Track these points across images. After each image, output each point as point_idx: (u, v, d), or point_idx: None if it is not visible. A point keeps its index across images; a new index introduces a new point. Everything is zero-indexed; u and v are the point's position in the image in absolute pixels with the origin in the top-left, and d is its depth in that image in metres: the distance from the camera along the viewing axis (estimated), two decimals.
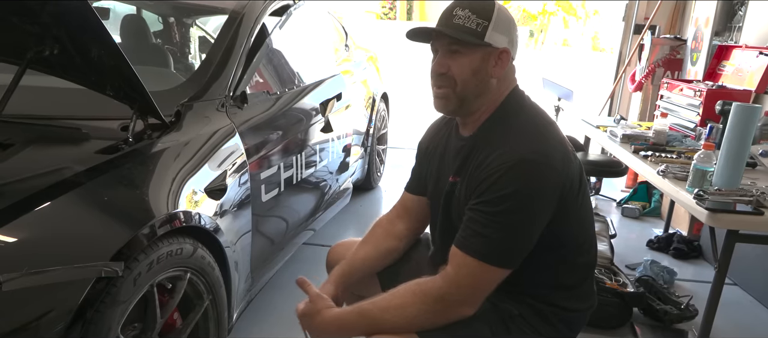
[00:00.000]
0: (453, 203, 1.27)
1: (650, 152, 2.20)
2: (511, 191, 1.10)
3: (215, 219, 1.59)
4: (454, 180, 1.26)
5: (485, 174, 1.14)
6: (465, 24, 1.17)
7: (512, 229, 1.12)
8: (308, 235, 2.53)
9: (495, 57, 1.19)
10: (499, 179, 1.11)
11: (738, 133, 1.74)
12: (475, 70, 1.18)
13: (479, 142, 1.22)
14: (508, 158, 1.12)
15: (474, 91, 1.20)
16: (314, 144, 2.47)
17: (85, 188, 1.25)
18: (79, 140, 1.51)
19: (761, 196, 1.67)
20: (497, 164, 1.12)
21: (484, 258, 1.12)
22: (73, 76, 1.57)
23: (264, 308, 2.28)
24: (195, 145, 1.64)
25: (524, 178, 1.10)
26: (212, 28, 3.62)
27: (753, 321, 2.40)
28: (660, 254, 3.04)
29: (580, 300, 1.30)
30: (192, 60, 3.24)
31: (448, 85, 1.20)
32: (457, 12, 1.18)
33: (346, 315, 1.21)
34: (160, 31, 3.13)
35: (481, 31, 1.16)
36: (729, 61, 3.05)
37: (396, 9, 31.15)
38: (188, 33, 3.34)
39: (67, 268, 1.07)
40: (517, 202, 1.10)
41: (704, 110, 2.66)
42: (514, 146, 1.14)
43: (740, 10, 3.41)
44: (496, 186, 1.11)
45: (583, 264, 1.30)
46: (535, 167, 1.11)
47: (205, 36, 3.48)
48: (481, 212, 1.13)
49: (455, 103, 1.22)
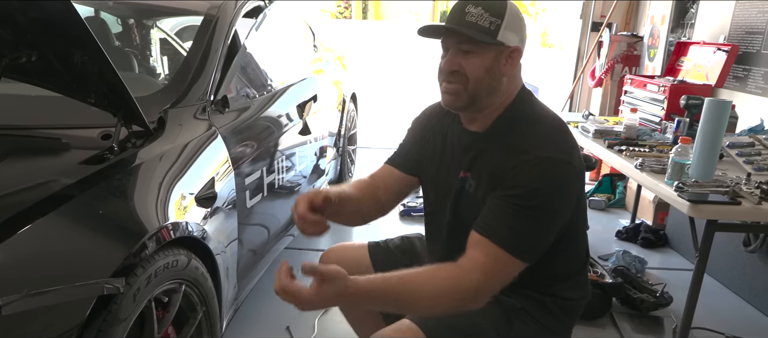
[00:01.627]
0: (463, 199, 1.26)
1: (624, 147, 2.28)
2: (542, 188, 1.12)
3: (204, 227, 1.55)
4: (465, 175, 1.26)
5: (515, 170, 1.14)
6: (478, 22, 1.15)
7: (540, 225, 1.14)
8: (288, 240, 2.49)
9: (506, 55, 1.19)
10: (529, 176, 1.12)
11: (711, 127, 1.82)
12: (488, 69, 1.18)
13: (494, 139, 1.23)
14: (537, 156, 1.13)
15: (486, 89, 1.20)
16: (293, 147, 2.44)
17: (77, 202, 1.19)
18: (59, 150, 1.43)
19: (736, 187, 1.76)
20: (527, 159, 1.13)
21: (514, 251, 1.12)
22: (52, 84, 1.48)
23: (250, 316, 2.24)
24: (181, 151, 1.59)
25: (552, 177, 1.13)
26: (169, 27, 3.51)
27: (722, 304, 2.52)
28: (629, 244, 3.16)
29: (578, 288, 1.34)
30: (154, 63, 3.13)
31: (459, 81, 1.20)
32: (470, 9, 1.16)
33: (372, 287, 1.07)
34: (119, 33, 3.00)
35: (495, 30, 1.16)
36: (687, 57, 3.20)
37: (351, 8, 31.10)
38: (149, 35, 3.23)
39: (67, 287, 1.02)
40: (547, 199, 1.12)
41: (668, 105, 2.77)
42: (540, 144, 1.15)
43: (692, 8, 3.57)
44: (525, 181, 1.12)
45: (580, 255, 1.34)
46: (564, 168, 1.14)
47: (167, 37, 3.37)
48: (512, 205, 1.12)
49: (466, 99, 1.21)
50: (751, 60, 2.91)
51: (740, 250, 2.55)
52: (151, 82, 2.30)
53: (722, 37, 3.14)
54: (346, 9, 31.10)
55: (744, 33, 2.99)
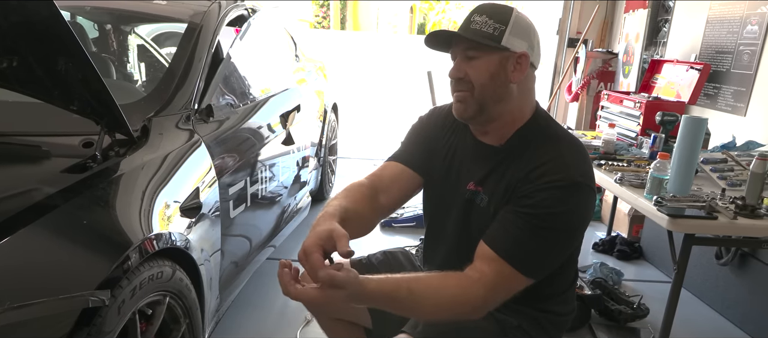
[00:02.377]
0: (474, 212, 1.25)
1: (603, 161, 2.33)
2: (562, 211, 1.10)
3: (188, 237, 1.52)
4: (476, 189, 1.24)
5: (536, 188, 1.12)
6: (482, 29, 1.16)
7: (553, 246, 1.13)
8: (270, 251, 2.47)
9: (513, 61, 1.18)
10: (552, 197, 1.10)
11: (688, 143, 1.88)
12: (493, 74, 1.17)
13: (511, 155, 1.21)
14: (561, 177, 1.11)
15: (492, 96, 1.19)
16: (277, 157, 2.42)
17: (60, 212, 1.16)
18: (40, 158, 1.39)
19: (712, 201, 1.81)
20: (549, 180, 1.11)
21: (522, 269, 1.10)
22: (33, 90, 1.44)
23: (231, 327, 2.20)
24: (166, 161, 1.57)
25: (576, 201, 1.11)
26: (146, 32, 3.46)
27: (695, 316, 2.58)
28: (605, 256, 3.22)
29: (567, 303, 1.34)
30: (131, 69, 3.08)
31: (466, 89, 1.19)
32: (475, 18, 1.18)
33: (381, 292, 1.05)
34: (96, 39, 2.95)
35: (498, 35, 1.16)
36: (661, 75, 3.29)
37: (329, 18, 31.15)
38: (127, 41, 3.18)
39: (51, 300, 0.99)
40: (565, 222, 1.11)
41: (644, 121, 2.84)
42: (564, 166, 1.14)
43: (665, 27, 3.69)
44: (547, 202, 1.10)
45: (572, 270, 1.34)
46: (586, 192, 1.13)
47: (144, 43, 3.32)
48: (527, 223, 1.11)
49: (474, 108, 1.20)
50: (721, 78, 3.02)
51: (713, 263, 2.62)
52: (131, 89, 2.27)
53: (693, 56, 3.25)
54: (324, 19, 31.15)
55: (714, 52, 3.10)
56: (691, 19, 3.36)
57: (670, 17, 3.64)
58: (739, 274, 2.49)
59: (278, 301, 2.45)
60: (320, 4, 30.80)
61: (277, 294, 2.50)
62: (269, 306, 2.39)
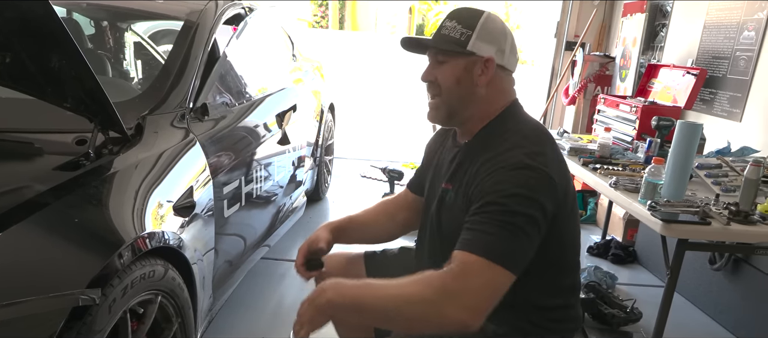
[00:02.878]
0: (444, 210, 1.27)
1: (598, 165, 2.33)
2: (511, 192, 1.09)
3: (181, 237, 1.52)
4: (447, 187, 1.27)
5: (484, 176, 1.13)
6: (450, 34, 1.21)
7: (513, 229, 1.08)
8: (265, 250, 2.46)
9: (480, 66, 1.21)
10: (500, 181, 1.11)
11: (683, 149, 1.88)
12: (458, 78, 1.21)
13: (473, 149, 1.24)
14: (507, 161, 1.12)
15: (459, 99, 1.23)
16: (272, 156, 2.42)
17: (52, 210, 1.15)
18: (32, 155, 1.39)
19: (705, 207, 1.81)
20: (497, 166, 1.13)
21: (487, 256, 1.05)
22: (26, 87, 1.44)
23: (224, 326, 2.20)
24: (160, 159, 1.56)
25: (525, 181, 1.10)
26: (142, 30, 3.45)
27: (687, 321, 2.59)
28: (599, 259, 3.22)
29: (563, 321, 1.29)
30: (127, 67, 3.07)
31: (437, 93, 1.25)
32: (446, 23, 1.23)
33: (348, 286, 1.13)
34: (92, 35, 2.94)
35: (464, 40, 1.20)
36: (657, 79, 3.30)
37: (328, 17, 31.14)
38: (123, 39, 3.17)
39: (41, 298, 0.98)
40: (517, 203, 1.09)
41: (640, 125, 2.85)
42: (513, 150, 1.15)
43: (662, 32, 3.69)
44: (497, 187, 1.11)
45: (568, 286, 1.30)
46: (535, 172, 1.11)
47: (141, 41, 3.31)
48: (483, 213, 1.10)
49: (444, 112, 1.25)
50: (717, 84, 3.02)
51: (706, 268, 2.62)
52: (126, 87, 2.26)
53: (690, 61, 3.26)
54: (322, 18, 31.14)
55: (711, 58, 3.10)
56: (689, 23, 3.36)
57: (667, 22, 3.64)
58: (732, 279, 2.50)
59: (272, 301, 2.44)
60: (318, 4, 30.80)
61: (271, 294, 2.50)
62: (263, 306, 2.39)
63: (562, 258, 1.25)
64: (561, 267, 1.26)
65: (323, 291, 1.10)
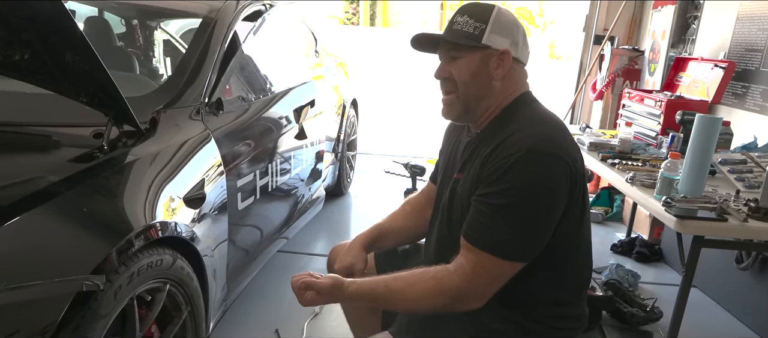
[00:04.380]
0: (455, 199, 1.26)
1: (617, 160, 2.28)
2: (519, 183, 1.08)
3: (193, 228, 1.56)
4: (458, 177, 1.27)
5: (492, 166, 1.12)
6: (463, 29, 1.19)
7: (523, 222, 1.09)
8: (282, 243, 2.50)
9: (496, 59, 1.20)
10: (508, 171, 1.09)
11: (701, 143, 1.82)
12: (474, 73, 1.20)
13: (484, 138, 1.22)
14: (516, 149, 1.10)
15: (476, 94, 1.21)
16: (288, 151, 2.45)
17: (62, 199, 1.20)
18: (49, 147, 1.44)
19: (724, 203, 1.76)
20: (505, 155, 1.11)
21: (496, 253, 1.09)
22: (45, 82, 1.50)
23: (239, 317, 2.25)
24: (171, 152, 1.60)
25: (534, 169, 1.08)
26: (174, 29, 3.55)
27: (713, 322, 2.51)
28: (623, 257, 3.15)
29: (567, 319, 1.27)
30: (156, 64, 3.16)
31: (452, 89, 1.23)
32: (457, 18, 1.21)
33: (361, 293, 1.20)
34: (123, 33, 3.04)
35: (478, 34, 1.18)
36: (686, 73, 3.20)
37: (359, 14, 31.25)
38: (152, 36, 3.26)
39: (46, 283, 1.03)
40: (526, 194, 1.08)
41: (665, 120, 2.77)
42: (523, 137, 1.12)
43: (693, 24, 3.58)
44: (504, 177, 1.09)
45: (576, 284, 1.28)
46: (546, 158, 1.09)
47: (170, 39, 3.40)
48: (489, 204, 1.11)
49: (459, 108, 1.24)
50: (750, 77, 2.91)
51: (733, 267, 2.53)
52: (145, 82, 2.32)
53: (722, 54, 3.15)
54: (353, 15, 31.28)
55: (743, 50, 2.99)
56: (721, 15, 3.25)
57: (699, 14, 3.53)
58: (759, 279, 2.41)
59: (289, 293, 2.44)
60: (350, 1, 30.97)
61: (288, 287, 2.52)
62: (280, 298, 2.42)
63: (564, 255, 1.22)
64: (563, 265, 1.23)
65: (340, 291, 1.17)
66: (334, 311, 2.28)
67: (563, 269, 1.24)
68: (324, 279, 1.18)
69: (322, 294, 1.17)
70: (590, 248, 1.31)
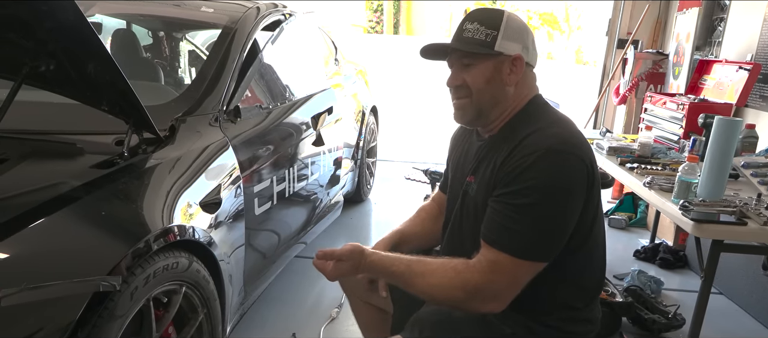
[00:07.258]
0: (468, 201, 1.28)
1: (636, 164, 2.25)
2: (538, 183, 1.09)
3: (210, 233, 1.60)
4: (470, 180, 1.28)
5: (510, 166, 1.13)
6: (474, 36, 1.20)
7: (541, 222, 1.10)
8: (300, 248, 2.54)
9: (508, 64, 1.21)
10: (527, 170, 1.10)
11: (721, 146, 1.79)
12: (489, 79, 1.20)
13: (498, 141, 1.23)
14: (534, 149, 1.11)
15: (490, 100, 1.22)
16: (306, 158, 2.49)
17: (82, 203, 1.25)
18: (74, 154, 1.51)
19: (744, 207, 1.72)
20: (523, 155, 1.12)
21: (516, 254, 1.10)
22: (68, 91, 1.57)
23: (256, 321, 2.28)
24: (189, 159, 1.65)
25: (553, 168, 1.10)
26: (201, 41, 3.64)
27: (738, 329, 2.44)
28: (647, 264, 3.09)
29: (580, 323, 1.26)
30: (182, 74, 3.25)
31: (465, 95, 1.23)
32: (467, 25, 1.22)
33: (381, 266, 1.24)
34: (149, 45, 3.13)
35: (491, 41, 1.19)
36: (710, 75, 3.13)
37: (383, 23, 31.42)
38: (178, 47, 3.35)
39: (65, 283, 1.07)
40: (545, 194, 1.09)
41: (687, 123, 2.72)
42: (541, 137, 1.14)
43: (719, 26, 3.50)
44: (523, 177, 1.10)
45: (588, 287, 1.27)
46: (564, 158, 1.11)
47: (195, 50, 3.49)
48: (508, 204, 1.12)
49: (472, 113, 1.25)
50: None
51: (760, 273, 2.47)
52: (166, 91, 2.39)
53: (749, 56, 3.07)
54: (377, 23, 31.45)
55: None
56: (748, 17, 3.18)
57: (725, 16, 3.46)
58: None
59: (307, 298, 2.51)
60: (374, 10, 31.13)
61: (306, 292, 2.57)
62: (298, 303, 2.46)
63: (577, 258, 1.21)
64: (576, 268, 1.22)
65: (361, 256, 1.23)
66: (351, 316, 2.30)
67: (575, 271, 1.23)
68: (344, 246, 1.23)
69: (342, 260, 1.22)
70: (604, 252, 1.30)
